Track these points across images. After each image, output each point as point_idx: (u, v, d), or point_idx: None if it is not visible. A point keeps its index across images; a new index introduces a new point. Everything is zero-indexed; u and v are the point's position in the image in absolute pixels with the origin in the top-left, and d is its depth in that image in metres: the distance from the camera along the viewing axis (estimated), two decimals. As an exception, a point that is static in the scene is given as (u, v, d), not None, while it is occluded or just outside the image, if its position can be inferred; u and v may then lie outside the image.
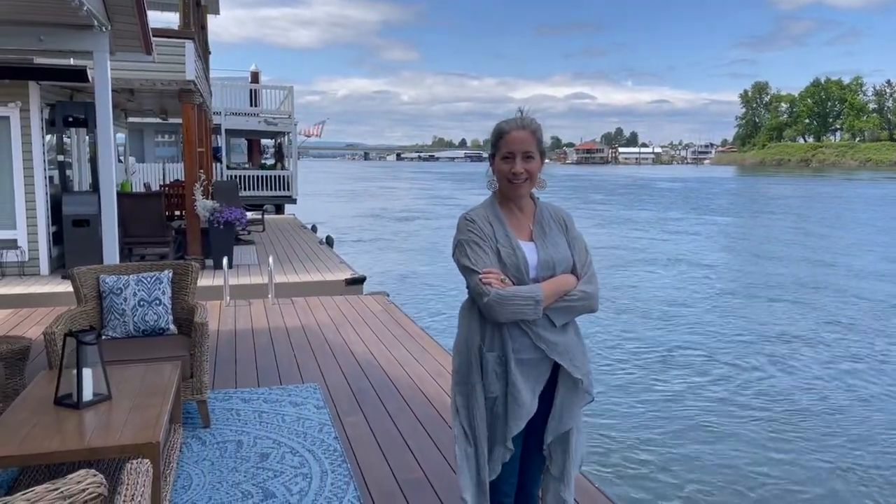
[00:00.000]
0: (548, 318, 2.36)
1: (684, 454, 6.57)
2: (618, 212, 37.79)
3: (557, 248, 2.43)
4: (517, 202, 2.47)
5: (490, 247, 2.40)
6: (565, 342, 2.40)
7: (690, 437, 6.96)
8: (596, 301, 2.42)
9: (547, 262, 2.39)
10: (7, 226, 9.91)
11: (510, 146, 2.38)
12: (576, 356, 2.42)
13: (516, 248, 2.40)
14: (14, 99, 9.73)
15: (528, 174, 2.39)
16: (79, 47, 6.12)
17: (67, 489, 1.65)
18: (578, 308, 2.40)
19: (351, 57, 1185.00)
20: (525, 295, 2.31)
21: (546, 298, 2.33)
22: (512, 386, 2.36)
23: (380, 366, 5.89)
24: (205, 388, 4.53)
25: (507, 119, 2.44)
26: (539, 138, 2.41)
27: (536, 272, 2.39)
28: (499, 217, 2.45)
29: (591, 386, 2.47)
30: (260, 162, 29.35)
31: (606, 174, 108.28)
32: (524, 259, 2.38)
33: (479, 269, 2.36)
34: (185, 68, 10.06)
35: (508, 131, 2.40)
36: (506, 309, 2.31)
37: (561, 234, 2.47)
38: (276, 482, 3.77)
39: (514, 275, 2.37)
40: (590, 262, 2.46)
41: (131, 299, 4.83)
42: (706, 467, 6.29)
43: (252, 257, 11.82)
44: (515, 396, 2.36)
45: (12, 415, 3.24)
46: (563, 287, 2.37)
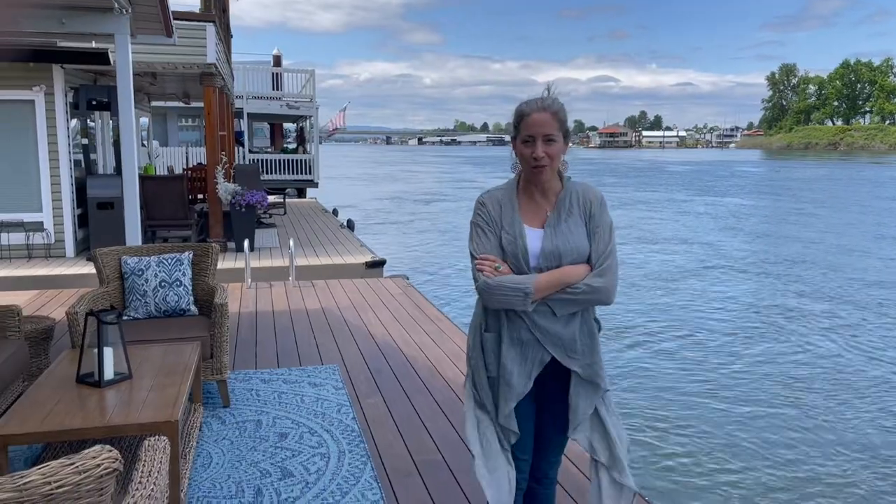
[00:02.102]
0: (549, 307, 2.31)
1: (700, 432, 6.54)
2: (627, 193, 38.50)
3: (570, 237, 2.34)
4: (539, 185, 2.39)
5: (493, 232, 2.35)
6: (563, 332, 2.33)
7: (709, 419, 6.92)
8: (607, 294, 2.31)
9: (552, 252, 2.32)
10: (33, 208, 10.05)
11: (530, 129, 2.30)
12: (573, 348, 2.35)
13: (519, 235, 2.33)
14: (38, 82, 9.83)
15: (550, 158, 2.30)
16: (100, 30, 6.15)
17: (83, 464, 1.67)
18: (582, 301, 2.31)
19: (374, 40, 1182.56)
20: (513, 286, 2.26)
21: (539, 290, 2.27)
22: (503, 367, 2.35)
23: (398, 348, 5.91)
24: (225, 368, 4.57)
25: (529, 100, 2.35)
26: (562, 119, 2.32)
27: (538, 261, 2.32)
28: (513, 201, 2.40)
29: (597, 377, 2.39)
30: (282, 146, 29.48)
31: (625, 158, 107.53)
32: (524, 248, 2.32)
33: (478, 254, 2.34)
34: (207, 51, 10.08)
35: (529, 113, 2.31)
36: (493, 297, 2.29)
37: (581, 222, 2.36)
38: (295, 461, 3.81)
39: (513, 263, 2.32)
40: (609, 252, 2.34)
41: (152, 280, 4.88)
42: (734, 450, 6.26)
43: (274, 240, 11.89)
44: (506, 378, 2.35)
45: (36, 393, 3.30)
46: (563, 279, 2.29)
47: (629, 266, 15.59)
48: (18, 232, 9.95)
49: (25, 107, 9.89)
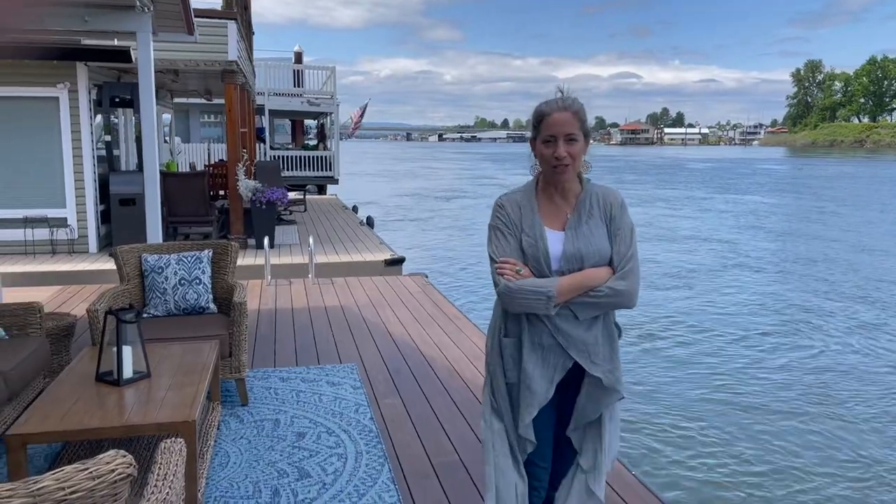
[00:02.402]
0: (571, 311, 2.27)
1: (713, 430, 6.45)
2: (646, 191, 38.73)
3: (591, 239, 2.29)
4: (559, 186, 2.35)
5: (514, 235, 2.31)
6: (586, 337, 2.29)
7: (726, 419, 6.82)
8: (630, 298, 2.27)
9: (574, 255, 2.27)
10: (57, 204, 10.15)
11: (551, 129, 2.25)
12: (596, 352, 2.31)
13: (540, 238, 2.29)
14: (63, 80, 9.92)
15: (571, 158, 2.26)
16: (122, 27, 6.17)
17: (97, 469, 1.65)
18: (604, 304, 2.27)
19: (394, 36, 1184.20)
20: (535, 289, 2.22)
21: (562, 294, 2.23)
22: (524, 372, 2.31)
23: (417, 347, 5.88)
24: (243, 366, 4.57)
25: (548, 100, 2.31)
26: (582, 119, 2.28)
27: (560, 264, 2.28)
28: (532, 203, 2.36)
29: (617, 383, 2.35)
30: (303, 142, 29.59)
31: (646, 155, 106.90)
32: (545, 250, 2.28)
33: (498, 257, 2.30)
34: (228, 49, 10.12)
35: (549, 113, 2.27)
36: (514, 301, 2.25)
37: (602, 224, 2.32)
38: (312, 462, 3.79)
39: (534, 266, 2.28)
40: (630, 255, 2.29)
41: (172, 278, 4.89)
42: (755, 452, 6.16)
43: (294, 237, 11.93)
44: (528, 384, 2.31)
45: (56, 390, 3.31)
46: (586, 282, 2.25)
47: (647, 264, 15.60)
48: (42, 227, 10.06)
49: (50, 104, 9.99)
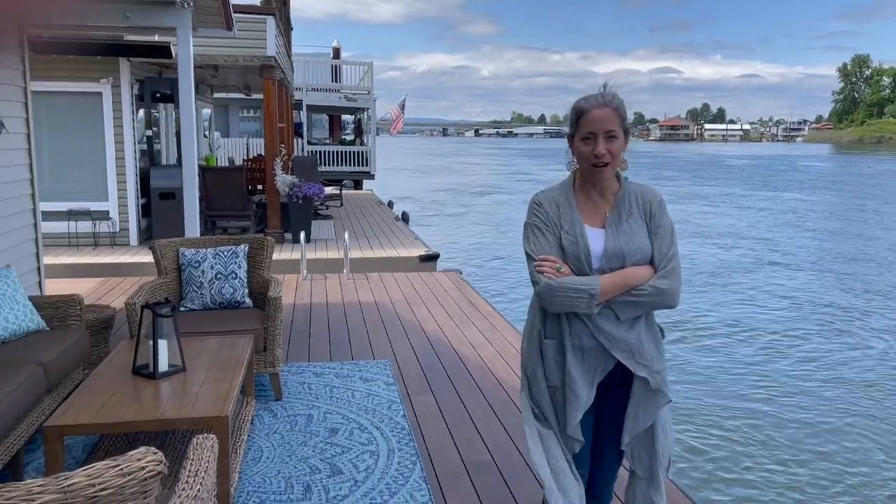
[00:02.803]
0: (612, 311, 2.21)
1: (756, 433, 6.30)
2: (683, 187, 38.66)
3: (632, 237, 2.24)
4: (598, 184, 2.29)
5: (552, 232, 2.26)
6: (629, 337, 2.23)
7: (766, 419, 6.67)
8: (672, 297, 2.21)
9: (615, 253, 2.22)
10: (100, 198, 10.34)
11: (591, 125, 2.20)
12: (641, 353, 2.25)
13: (580, 235, 2.24)
14: (106, 75, 10.09)
15: (611, 155, 2.20)
16: (162, 23, 6.24)
17: (127, 466, 1.65)
18: (647, 304, 2.21)
19: (432, 31, 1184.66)
20: (578, 287, 2.16)
21: (605, 293, 2.17)
22: (568, 376, 2.25)
23: (450, 344, 5.85)
24: (277, 361, 4.58)
25: (588, 96, 2.25)
26: (622, 116, 2.22)
27: (601, 262, 2.22)
28: (570, 200, 2.30)
29: (663, 385, 2.29)
30: (340, 137, 29.76)
31: (685, 151, 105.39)
32: (586, 248, 2.22)
33: (537, 255, 2.24)
34: (267, 44, 10.19)
35: (589, 109, 2.21)
36: (555, 300, 2.19)
37: (642, 222, 2.27)
38: (344, 458, 3.79)
39: (574, 264, 2.23)
40: (672, 254, 2.24)
41: (209, 272, 4.93)
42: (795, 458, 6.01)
43: (330, 232, 11.99)
44: (572, 387, 2.25)
45: (93, 383, 3.35)
46: (628, 281, 2.19)
47: (682, 261, 15.34)
48: (86, 220, 10.26)
49: (93, 99, 10.18)
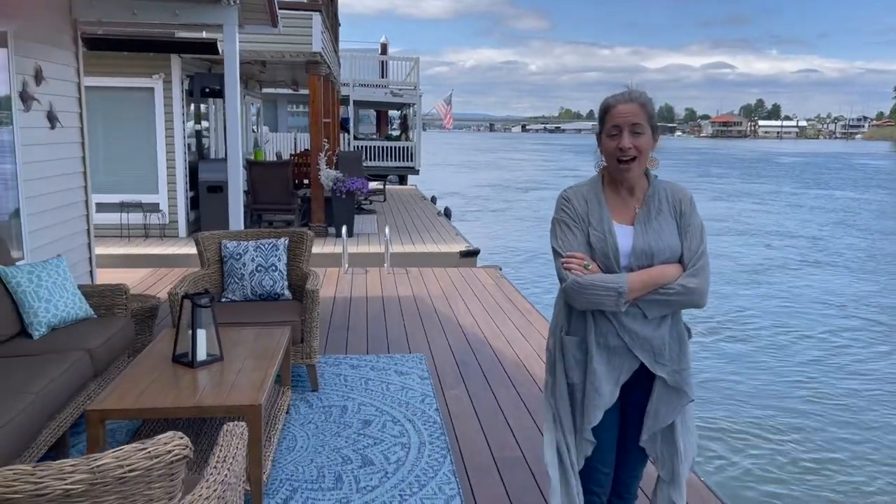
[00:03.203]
0: (639, 309, 2.20)
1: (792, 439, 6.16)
2: (731, 185, 38.24)
3: (661, 235, 2.22)
4: (626, 182, 2.28)
5: (580, 229, 2.25)
6: (653, 337, 2.22)
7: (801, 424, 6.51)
8: (701, 296, 2.19)
9: (644, 251, 2.20)
10: (150, 190, 10.64)
11: (616, 120, 2.19)
12: (663, 353, 2.23)
13: (609, 232, 2.23)
14: (158, 71, 10.37)
15: (637, 150, 2.19)
16: (210, 21, 6.38)
17: (154, 450, 1.72)
18: (676, 303, 2.20)
19: (480, 27, 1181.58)
20: (606, 285, 2.15)
21: (632, 291, 2.16)
22: (591, 374, 2.24)
23: (486, 340, 5.87)
24: (314, 353, 4.67)
25: (614, 93, 2.25)
26: (650, 112, 2.21)
27: (629, 260, 2.21)
28: (599, 196, 2.29)
29: (685, 385, 2.27)
30: (387, 133, 29.98)
31: (737, 148, 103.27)
32: (615, 245, 2.21)
33: (564, 251, 2.24)
34: (312, 40, 10.32)
35: (615, 105, 2.21)
36: (582, 297, 2.18)
37: (671, 220, 2.25)
38: (376, 450, 3.84)
39: (602, 261, 2.22)
40: (701, 252, 2.22)
41: (249, 264, 5.04)
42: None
43: (373, 226, 12.10)
44: (595, 385, 2.24)
45: (135, 370, 3.47)
46: (657, 279, 2.18)
47: (723, 259, 15.39)
48: (137, 212, 10.57)
49: (146, 94, 10.47)
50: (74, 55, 6.35)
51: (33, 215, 5.48)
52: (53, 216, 5.86)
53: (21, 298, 4.12)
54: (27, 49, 5.40)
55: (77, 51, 6.39)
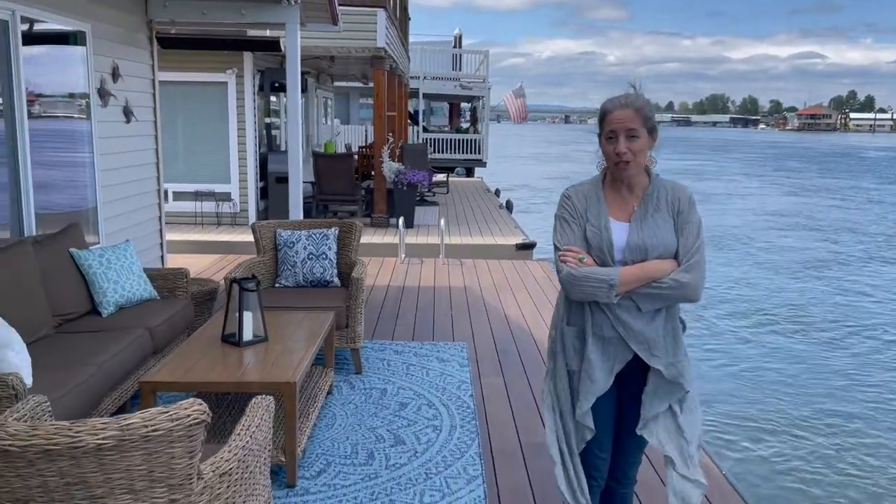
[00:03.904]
0: (633, 302, 2.31)
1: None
2: (808, 179, 37.41)
3: (657, 231, 2.32)
4: (626, 180, 2.39)
5: (578, 224, 2.38)
6: (647, 330, 2.32)
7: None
8: (694, 291, 2.27)
9: (638, 246, 2.30)
10: (223, 180, 11.15)
11: (613, 125, 2.30)
12: (657, 345, 2.33)
13: (604, 228, 2.34)
14: (231, 66, 10.85)
15: (633, 154, 2.29)
16: (273, 20, 6.71)
17: (175, 413, 1.96)
18: (668, 296, 2.29)
19: (556, 17, 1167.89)
20: (598, 277, 2.27)
21: (624, 283, 2.26)
22: (587, 361, 2.37)
23: (529, 331, 5.99)
24: (358, 337, 4.90)
25: (613, 97, 2.36)
26: (645, 115, 2.30)
27: (623, 255, 2.32)
28: (599, 194, 2.41)
29: (680, 377, 2.35)
30: (458, 125, 30.19)
31: (822, 142, 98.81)
32: (609, 240, 2.32)
33: (562, 245, 2.37)
34: (377, 36, 10.61)
35: (612, 110, 2.32)
36: (576, 289, 2.31)
37: (668, 217, 2.34)
38: (409, 430, 4.04)
39: (597, 255, 2.34)
40: (696, 248, 2.30)
41: (302, 252, 5.32)
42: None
43: (434, 218, 12.32)
44: (589, 372, 2.36)
45: (186, 347, 3.77)
46: (649, 273, 2.28)
47: (787, 252, 15.58)
48: (210, 201, 11.10)
49: (219, 88, 10.97)
50: (149, 53, 6.78)
51: (108, 203, 5.92)
52: (127, 204, 6.30)
53: (92, 279, 4.50)
54: (105, 48, 5.82)
55: (152, 49, 6.82)
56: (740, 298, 11.65)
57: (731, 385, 7.54)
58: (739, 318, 10.45)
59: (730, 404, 7.01)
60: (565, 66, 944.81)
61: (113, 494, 1.94)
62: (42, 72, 5.07)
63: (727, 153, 62.79)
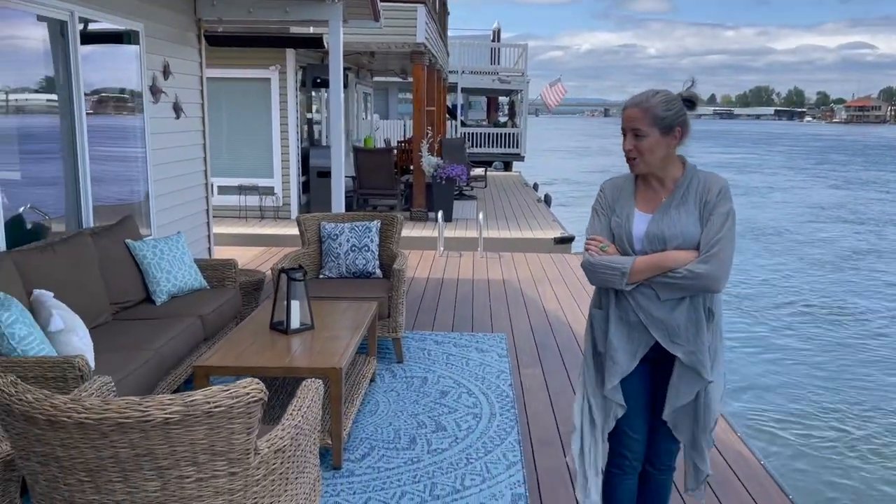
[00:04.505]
0: (654, 291, 2.38)
1: None
2: (850, 172, 37.05)
3: (677, 222, 2.37)
4: (655, 175, 2.45)
5: (606, 215, 2.50)
6: (668, 318, 2.39)
7: None
8: (712, 281, 2.31)
9: (656, 236, 2.38)
10: (266, 175, 11.40)
11: (622, 123, 2.42)
12: (677, 333, 2.39)
13: (626, 219, 2.44)
14: (274, 63, 11.08)
15: (638, 152, 2.38)
16: (317, 17, 6.86)
17: (235, 391, 2.09)
18: (684, 286, 2.34)
19: (596, 9, 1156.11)
20: (612, 265, 2.37)
21: (636, 272, 2.35)
22: (609, 343, 2.47)
23: (567, 323, 6.05)
24: (399, 327, 5.02)
25: (633, 95, 2.46)
26: (655, 115, 2.35)
27: (642, 245, 2.40)
28: (629, 187, 2.50)
29: (700, 366, 2.40)
30: (496, 119, 30.20)
31: (870, 135, 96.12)
32: (629, 231, 2.42)
33: (588, 234, 2.49)
34: (417, 31, 10.72)
35: (623, 109, 2.44)
36: (593, 275, 2.44)
37: (694, 209, 2.38)
38: (449, 417, 4.15)
39: (618, 244, 2.44)
40: (717, 240, 2.32)
41: (345, 244, 5.46)
42: None
43: (472, 212, 12.41)
44: (612, 354, 2.47)
45: (237, 334, 3.93)
46: (664, 263, 2.34)
47: (822, 244, 15.60)
48: (254, 195, 11.36)
49: (263, 84, 11.20)
50: (198, 51, 6.99)
51: (160, 196, 6.14)
52: (177, 198, 6.52)
53: (146, 269, 4.70)
54: (157, 46, 6.03)
55: (200, 47, 7.03)
56: (781, 291, 11.63)
57: (775, 380, 7.51)
58: (778, 309, 10.48)
59: (769, 395, 7.01)
60: (605, 59, 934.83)
61: (178, 466, 2.08)
62: (97, 70, 5.29)
63: (770, 146, 61.65)
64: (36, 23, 4.54)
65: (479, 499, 3.30)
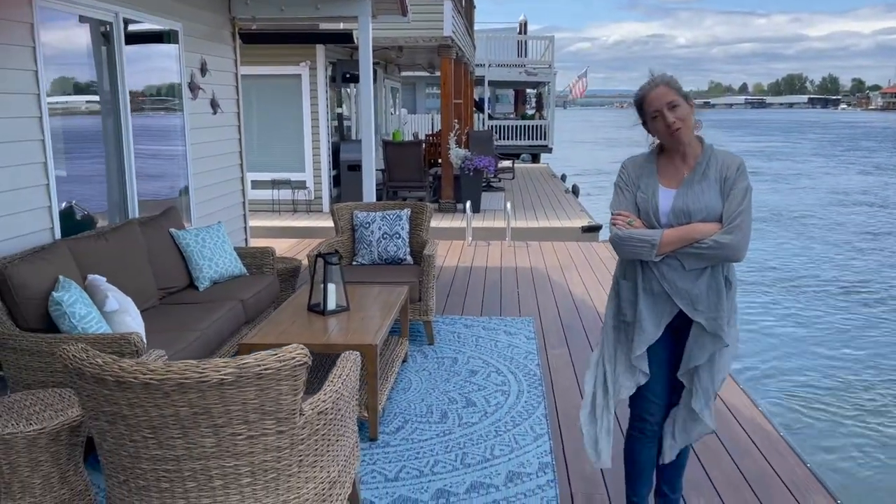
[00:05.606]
0: (679, 261, 2.53)
1: None
2: (880, 158, 37.01)
3: (701, 196, 2.52)
4: (681, 151, 2.59)
5: (630, 191, 2.64)
6: (691, 287, 2.53)
7: None
8: (735, 251, 2.46)
9: (682, 210, 2.52)
10: (298, 169, 11.68)
11: (654, 105, 2.53)
12: (700, 301, 2.54)
13: (652, 194, 2.58)
14: (305, 59, 11.33)
15: (681, 120, 2.51)
16: (346, 13, 7.07)
17: (282, 355, 2.29)
18: (709, 256, 2.49)
19: (624, 0, 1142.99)
20: (642, 238, 2.52)
21: (665, 244, 2.50)
22: (639, 313, 2.62)
23: (593, 307, 6.19)
24: (430, 310, 5.22)
25: (641, 86, 2.61)
26: (676, 87, 2.54)
27: (668, 218, 2.54)
28: (652, 164, 2.64)
29: (720, 330, 2.55)
30: (523, 111, 30.24)
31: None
32: (655, 205, 2.56)
33: (613, 210, 2.64)
34: (444, 25, 10.89)
35: (647, 94, 2.56)
36: (622, 249, 2.58)
37: (715, 184, 2.53)
38: (479, 394, 4.34)
39: (645, 219, 2.58)
40: (740, 212, 2.48)
41: (377, 232, 5.67)
42: None
43: (500, 203, 12.56)
44: (641, 323, 2.61)
45: (278, 315, 4.15)
46: (691, 234, 2.49)
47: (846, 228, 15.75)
48: (286, 189, 11.64)
49: (293, 80, 11.47)
50: (233, 48, 7.24)
51: (199, 189, 6.40)
52: (215, 190, 6.78)
53: (189, 257, 4.95)
54: (194, 45, 6.29)
55: (235, 44, 7.28)
56: (805, 274, 11.72)
57: (795, 363, 7.57)
58: (799, 290, 10.63)
59: (792, 374, 7.12)
60: (633, 50, 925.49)
61: (231, 424, 2.28)
62: (140, 69, 5.55)
63: (801, 134, 60.70)
64: (82, 25, 4.80)
65: (507, 467, 3.48)
